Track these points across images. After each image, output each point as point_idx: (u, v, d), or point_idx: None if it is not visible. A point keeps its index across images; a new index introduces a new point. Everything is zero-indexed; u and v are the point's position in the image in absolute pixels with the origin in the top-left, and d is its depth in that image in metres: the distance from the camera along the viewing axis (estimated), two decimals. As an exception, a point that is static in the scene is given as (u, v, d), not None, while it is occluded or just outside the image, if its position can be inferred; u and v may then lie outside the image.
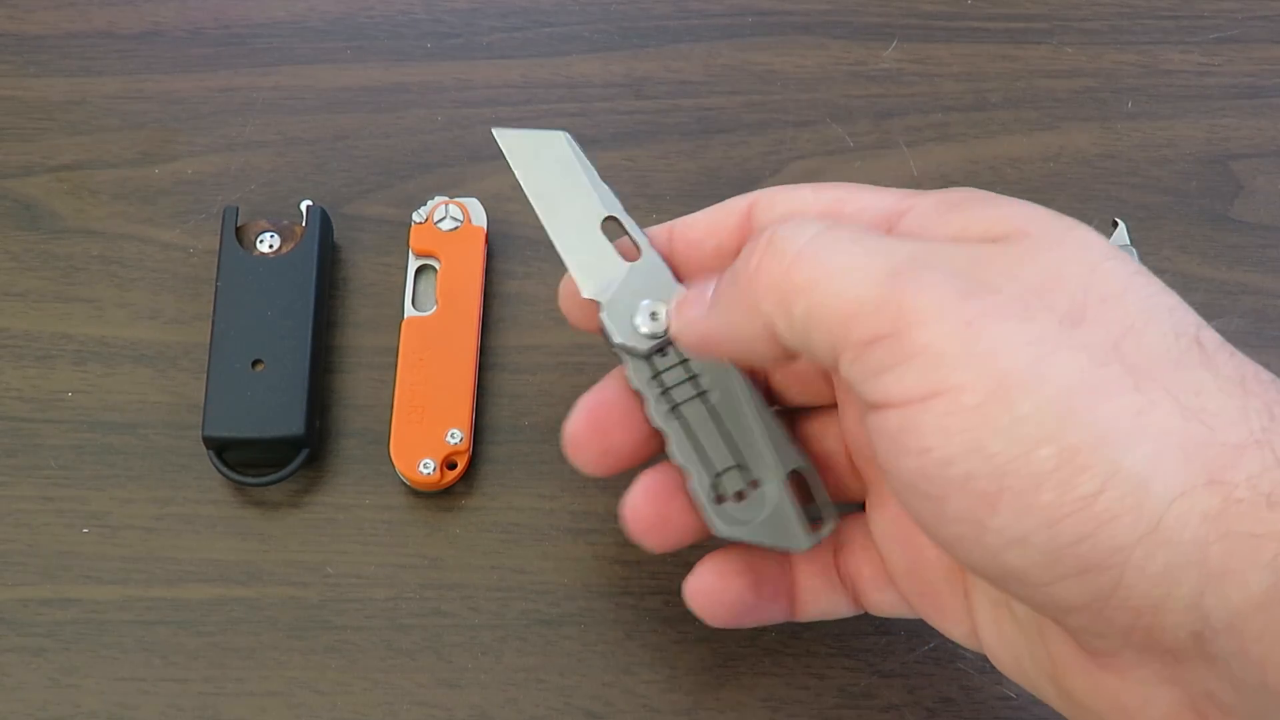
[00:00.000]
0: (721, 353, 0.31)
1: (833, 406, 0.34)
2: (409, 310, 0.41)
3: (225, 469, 0.39)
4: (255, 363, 0.39)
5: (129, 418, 0.40)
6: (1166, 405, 0.24)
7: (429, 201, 0.42)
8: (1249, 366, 0.25)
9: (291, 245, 0.41)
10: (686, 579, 0.34)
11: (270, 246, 0.41)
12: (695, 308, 0.31)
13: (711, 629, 0.38)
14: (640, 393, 0.33)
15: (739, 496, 0.33)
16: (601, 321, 0.33)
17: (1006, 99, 0.46)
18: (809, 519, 0.33)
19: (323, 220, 0.42)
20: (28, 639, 0.38)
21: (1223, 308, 0.42)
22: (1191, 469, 0.23)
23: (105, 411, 0.41)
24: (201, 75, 0.46)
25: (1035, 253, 0.26)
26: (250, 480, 0.39)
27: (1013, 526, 0.24)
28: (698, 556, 0.39)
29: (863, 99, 0.46)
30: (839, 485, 0.34)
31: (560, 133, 0.34)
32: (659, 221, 0.34)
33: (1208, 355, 0.25)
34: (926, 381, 0.25)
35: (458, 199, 0.42)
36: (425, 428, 0.39)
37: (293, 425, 0.39)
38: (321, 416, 0.40)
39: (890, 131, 0.45)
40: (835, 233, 0.27)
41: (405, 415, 0.39)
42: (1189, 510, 0.23)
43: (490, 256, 0.43)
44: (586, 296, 0.33)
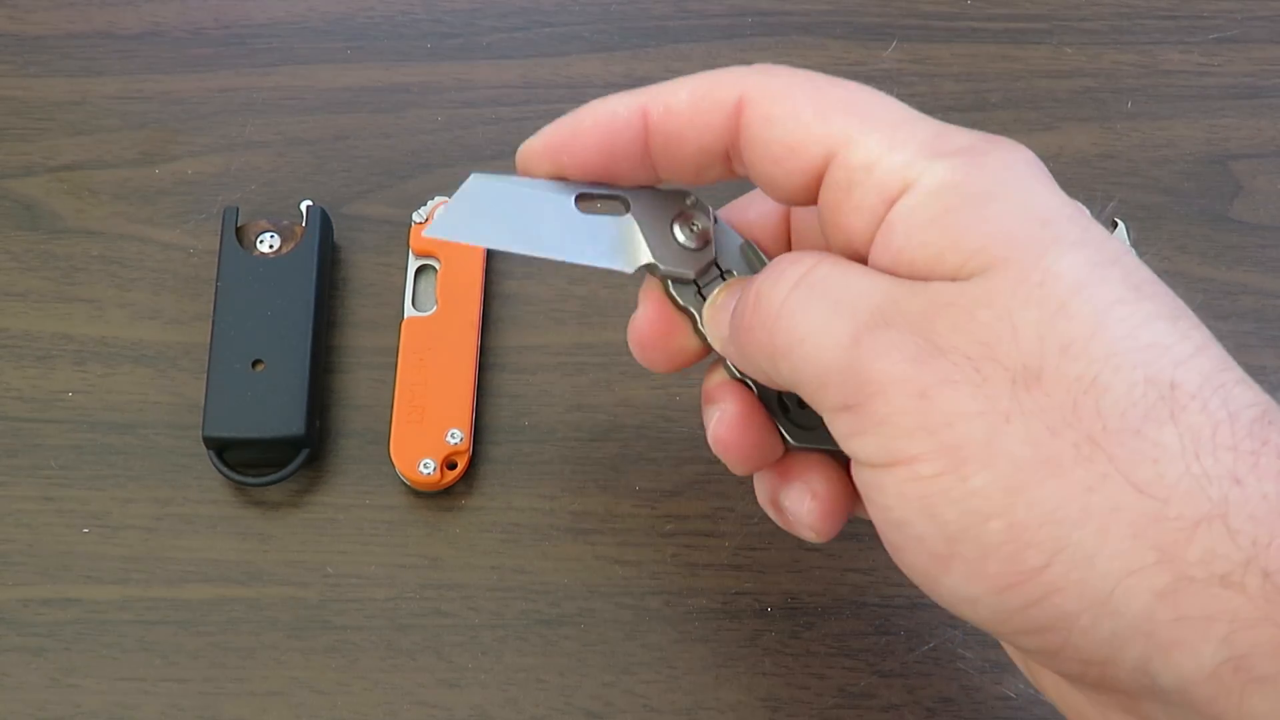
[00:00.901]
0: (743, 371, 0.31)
1: None
2: (409, 310, 0.41)
3: (225, 469, 0.39)
4: (255, 363, 0.39)
5: (129, 418, 0.40)
6: (1117, 481, 0.23)
7: (429, 201, 0.42)
8: (1229, 409, 0.24)
9: (291, 245, 0.41)
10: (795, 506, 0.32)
11: (270, 246, 0.41)
12: (720, 325, 0.31)
13: (711, 629, 0.38)
14: (689, 310, 0.32)
15: (801, 404, 0.31)
16: (663, 276, 0.32)
17: (1006, 99, 0.46)
18: None
19: (323, 220, 0.42)
20: (28, 639, 0.38)
21: (1223, 308, 0.42)
22: (1140, 547, 0.23)
23: (105, 411, 0.41)
24: (201, 75, 0.46)
25: (992, 298, 0.25)
26: (250, 480, 0.39)
27: (964, 588, 0.25)
28: (696, 557, 0.39)
29: (863, 99, 0.46)
30: None
31: (469, 178, 0.31)
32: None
33: (1179, 405, 0.24)
34: (887, 451, 0.25)
35: (458, 199, 0.42)
36: (425, 428, 0.39)
37: (293, 425, 0.39)
38: (321, 416, 0.40)
39: (890, 131, 0.45)
40: (811, 283, 0.27)
41: (405, 415, 0.39)
42: (1138, 586, 0.23)
43: (490, 256, 0.43)
44: (635, 270, 0.31)
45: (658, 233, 0.31)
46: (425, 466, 0.39)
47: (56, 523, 0.39)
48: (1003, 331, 0.24)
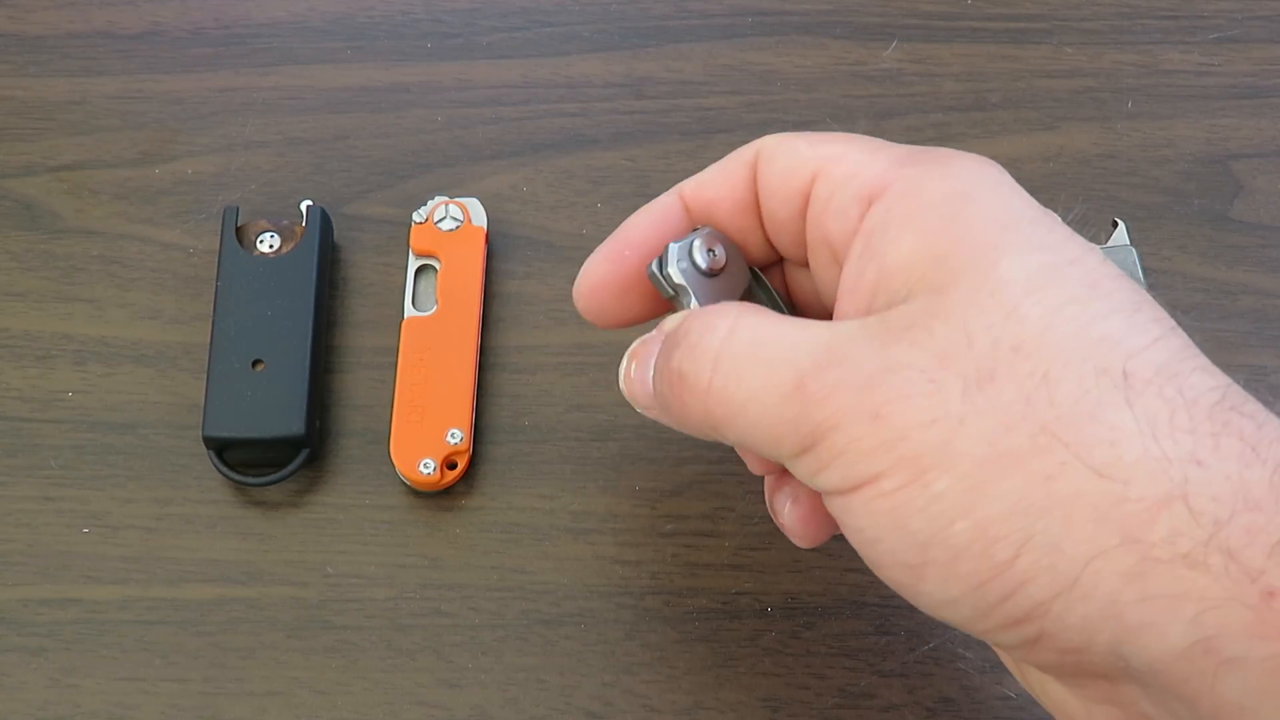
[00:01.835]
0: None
1: None
2: (409, 310, 0.41)
3: (225, 469, 0.39)
4: (255, 363, 0.39)
5: (129, 418, 0.40)
6: (1076, 466, 0.24)
7: (429, 201, 0.42)
8: (1185, 396, 0.24)
9: (291, 245, 0.41)
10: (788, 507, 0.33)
11: (270, 246, 0.41)
12: (641, 392, 0.32)
13: (711, 629, 0.38)
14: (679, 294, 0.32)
15: None
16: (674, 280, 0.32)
17: (1006, 99, 0.46)
18: None
19: (323, 220, 0.42)
20: (28, 639, 0.38)
21: (1223, 308, 0.42)
22: (1104, 530, 0.23)
23: (105, 411, 0.41)
24: (201, 75, 0.46)
25: (948, 314, 0.26)
26: (250, 480, 0.39)
27: (941, 591, 0.26)
28: (696, 557, 0.39)
29: (863, 99, 0.46)
30: None
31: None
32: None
33: (1134, 391, 0.24)
34: (851, 476, 0.26)
35: (458, 199, 0.42)
36: (425, 428, 0.39)
37: (293, 425, 0.39)
38: (321, 416, 0.40)
39: (890, 132, 0.45)
40: (735, 351, 0.28)
41: (405, 415, 0.39)
42: (1104, 569, 0.24)
43: (490, 256, 0.43)
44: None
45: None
46: (425, 466, 0.39)
47: (56, 523, 0.39)
48: (958, 341, 0.25)
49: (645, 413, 0.32)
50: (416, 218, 0.42)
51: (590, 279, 0.33)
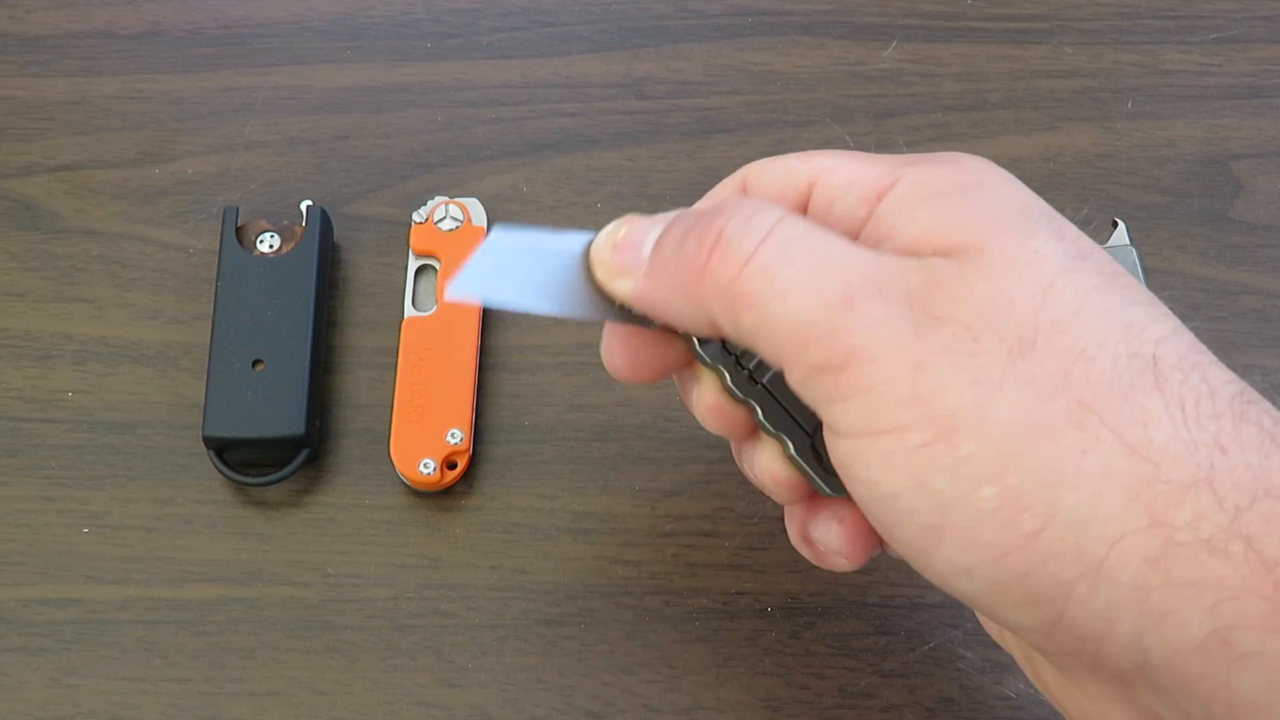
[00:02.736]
0: (652, 315, 0.29)
1: None
2: (409, 310, 0.41)
3: (225, 469, 0.39)
4: (255, 363, 0.39)
5: (129, 418, 0.40)
6: (1110, 442, 0.24)
7: (429, 201, 0.42)
8: (1209, 384, 0.24)
9: (291, 245, 0.41)
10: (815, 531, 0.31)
11: (270, 246, 0.41)
12: (632, 254, 0.29)
13: (711, 629, 0.38)
14: (716, 367, 0.31)
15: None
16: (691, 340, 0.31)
17: (1006, 99, 0.46)
18: None
19: (323, 220, 0.42)
20: (28, 639, 0.38)
21: (1223, 308, 0.42)
22: (1133, 510, 0.23)
23: (105, 411, 0.41)
24: (201, 75, 0.46)
25: (989, 273, 0.25)
26: (250, 480, 0.39)
27: (958, 559, 0.25)
28: (696, 557, 0.39)
29: (863, 99, 0.46)
30: None
31: (490, 234, 0.30)
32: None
33: (1162, 377, 0.24)
34: (874, 420, 0.25)
35: (458, 199, 0.42)
36: (425, 428, 0.39)
37: (293, 425, 0.39)
38: (321, 416, 0.40)
39: (890, 132, 0.45)
40: (789, 236, 0.26)
41: (405, 415, 0.39)
42: (1130, 551, 0.23)
43: (490, 256, 0.43)
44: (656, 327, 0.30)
45: None
46: (425, 466, 0.39)
47: (56, 523, 0.39)
48: (1000, 304, 0.25)
49: (608, 282, 0.29)
50: (416, 218, 0.42)
51: (615, 350, 0.31)
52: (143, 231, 0.43)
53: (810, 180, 0.29)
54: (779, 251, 0.26)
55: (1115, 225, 0.41)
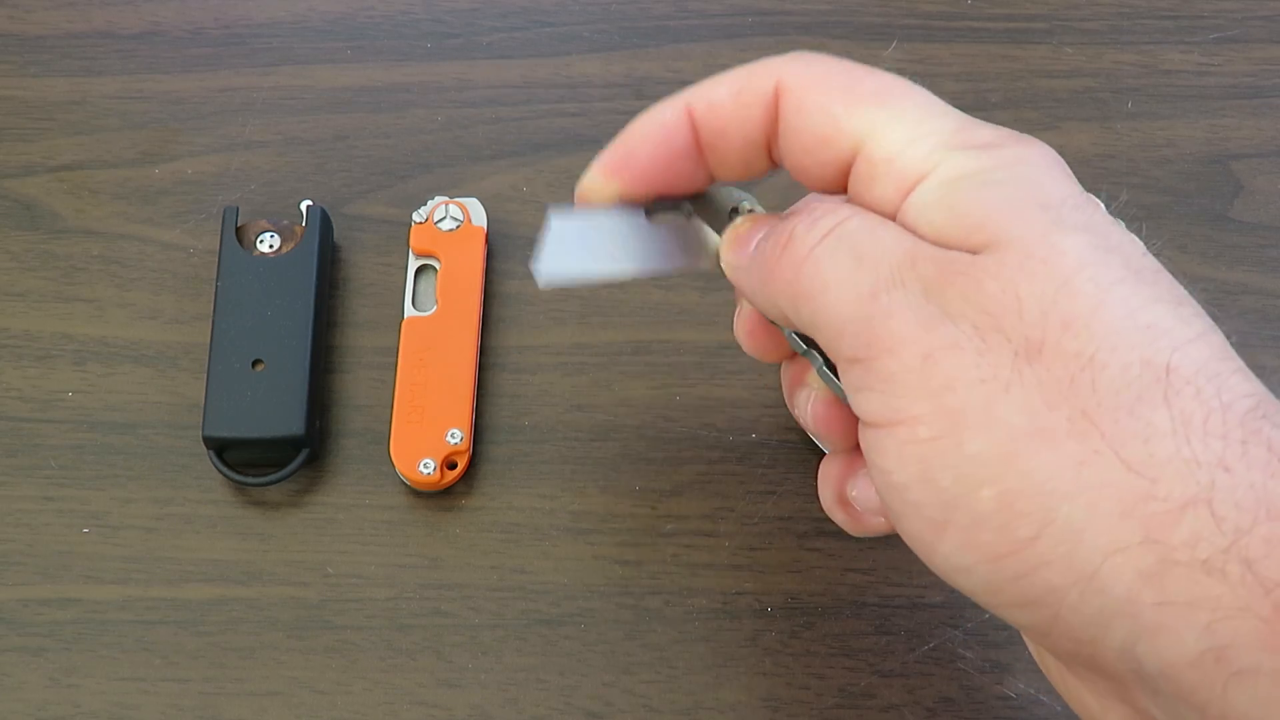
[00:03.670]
0: (752, 303, 0.31)
1: None
2: (409, 310, 0.41)
3: (225, 469, 0.39)
4: (255, 363, 0.39)
5: (129, 418, 0.40)
6: (1109, 457, 0.24)
7: (429, 201, 0.42)
8: (1222, 399, 0.24)
9: (291, 245, 0.41)
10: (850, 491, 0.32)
11: (270, 246, 0.41)
12: (740, 254, 0.31)
13: (711, 629, 0.38)
14: (810, 353, 0.32)
15: None
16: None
17: (1006, 99, 0.46)
18: None
19: (323, 220, 0.42)
20: (28, 639, 0.38)
21: (1223, 308, 0.42)
22: (1127, 526, 0.23)
23: (105, 411, 0.41)
24: (201, 75, 0.46)
25: (999, 270, 0.25)
26: (250, 480, 0.39)
27: (958, 556, 0.25)
28: (696, 557, 0.39)
29: (863, 99, 0.46)
30: None
31: (551, 219, 0.31)
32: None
33: (1173, 388, 0.24)
34: (890, 410, 0.26)
35: (458, 199, 0.42)
36: (425, 428, 0.39)
37: (293, 425, 0.39)
38: (321, 416, 0.40)
39: (890, 131, 0.45)
40: (841, 234, 0.27)
41: (405, 415, 0.39)
42: (1124, 565, 0.23)
43: (490, 256, 0.43)
44: (717, 267, 0.32)
45: (720, 228, 0.32)
46: (425, 466, 0.39)
47: (56, 523, 0.39)
48: (1008, 303, 0.25)
49: (727, 270, 0.31)
50: (416, 218, 0.42)
51: (592, 194, 0.32)
52: (143, 231, 0.43)
53: (854, 148, 0.28)
54: (830, 250, 0.27)
55: (1115, 225, 0.41)
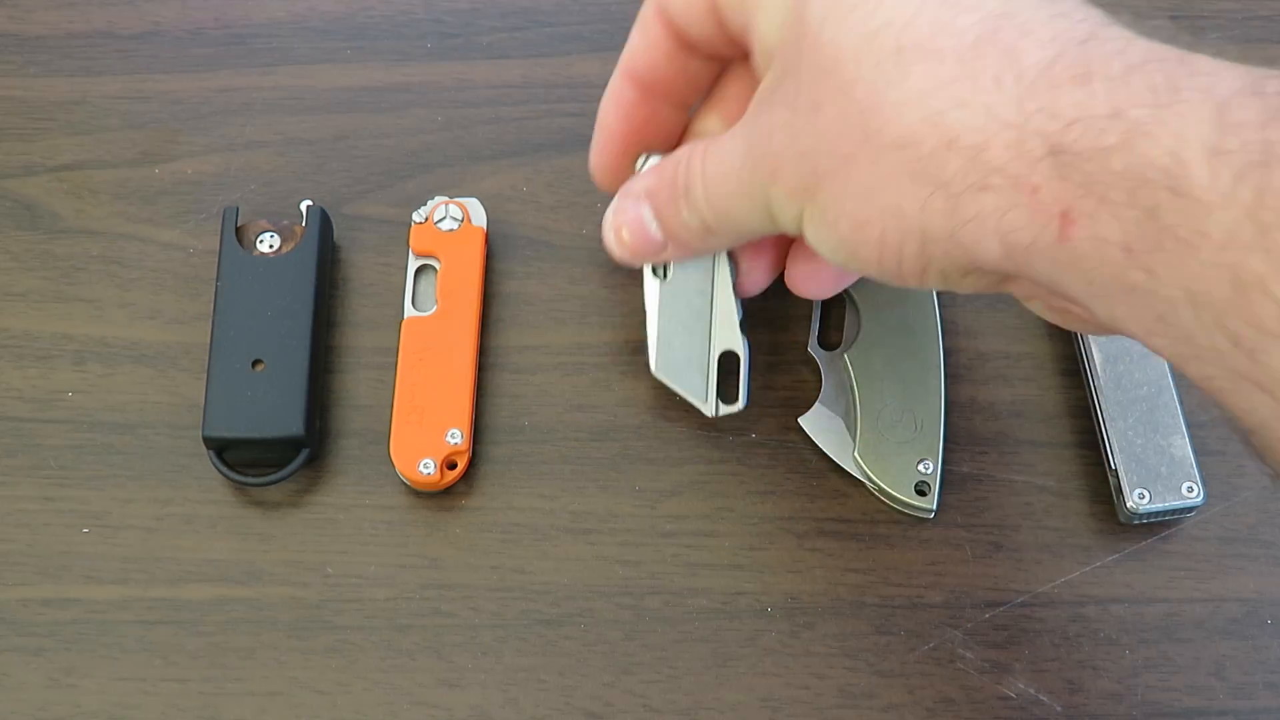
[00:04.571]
0: (706, 248, 0.38)
1: None
2: (409, 310, 0.41)
3: (225, 469, 0.39)
4: (255, 363, 0.39)
5: (129, 418, 0.40)
6: (887, 151, 0.29)
7: (429, 201, 0.42)
8: (946, 41, 0.28)
9: (291, 245, 0.41)
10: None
11: (270, 246, 0.41)
12: (649, 240, 0.37)
13: (711, 629, 0.38)
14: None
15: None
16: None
17: (1006, 99, 0.46)
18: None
19: (323, 220, 0.42)
20: (28, 639, 0.38)
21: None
22: (920, 186, 0.29)
23: (105, 411, 0.41)
24: (201, 75, 0.46)
25: (785, 72, 0.32)
26: (250, 480, 0.39)
27: (872, 271, 0.32)
28: (696, 557, 0.39)
29: (863, 99, 0.45)
30: None
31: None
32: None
33: (907, 60, 0.29)
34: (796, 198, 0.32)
35: (458, 199, 0.42)
36: (425, 428, 0.39)
37: (293, 425, 0.39)
38: (321, 416, 0.40)
39: (890, 131, 0.45)
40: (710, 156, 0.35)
41: (405, 415, 0.39)
42: (934, 212, 0.29)
43: (490, 256, 0.43)
44: None
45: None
46: (425, 466, 0.39)
47: (56, 523, 0.39)
48: (794, 88, 0.32)
49: (631, 257, 0.38)
50: (416, 218, 0.42)
51: (603, 173, 0.39)
52: (143, 231, 0.43)
53: None
54: (709, 169, 0.35)
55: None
